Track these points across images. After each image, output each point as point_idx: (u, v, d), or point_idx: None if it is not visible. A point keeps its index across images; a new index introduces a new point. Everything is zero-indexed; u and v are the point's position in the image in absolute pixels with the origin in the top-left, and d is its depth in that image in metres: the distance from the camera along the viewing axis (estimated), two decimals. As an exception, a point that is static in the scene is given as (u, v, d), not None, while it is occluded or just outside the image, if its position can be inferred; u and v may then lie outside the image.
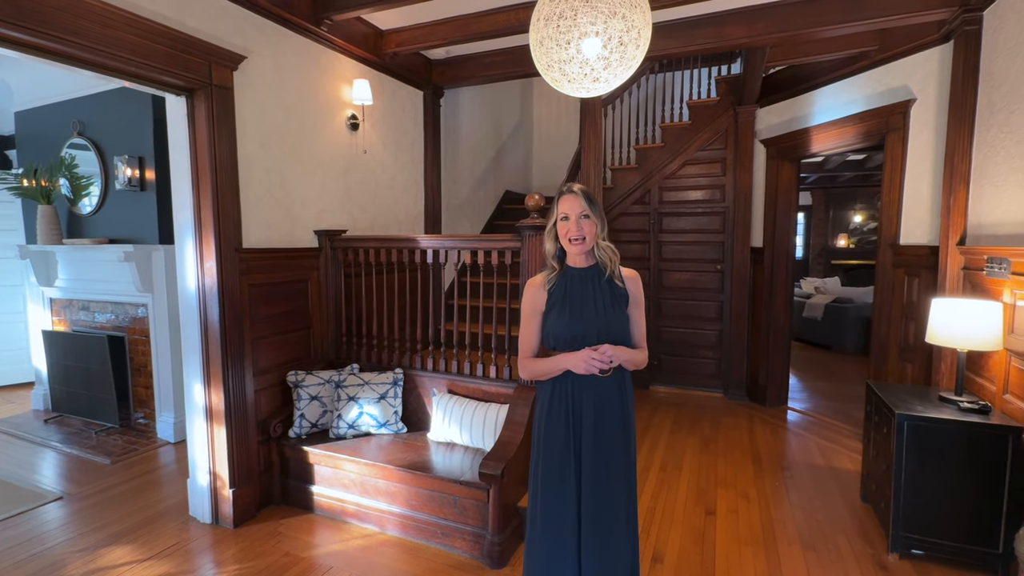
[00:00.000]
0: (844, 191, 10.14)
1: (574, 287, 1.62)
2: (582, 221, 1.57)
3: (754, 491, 2.99)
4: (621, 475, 1.60)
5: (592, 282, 1.62)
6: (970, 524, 2.21)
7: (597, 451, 1.58)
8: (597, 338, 1.57)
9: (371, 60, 3.50)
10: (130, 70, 2.16)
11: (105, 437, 3.76)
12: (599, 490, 1.57)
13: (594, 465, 1.58)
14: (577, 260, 1.64)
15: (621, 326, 1.60)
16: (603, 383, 1.59)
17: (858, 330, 6.47)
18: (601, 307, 1.59)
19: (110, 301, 3.97)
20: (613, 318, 1.59)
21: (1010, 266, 2.28)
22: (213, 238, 2.52)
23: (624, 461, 1.61)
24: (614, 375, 1.60)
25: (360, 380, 2.90)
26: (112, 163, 3.76)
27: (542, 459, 1.65)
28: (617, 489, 1.59)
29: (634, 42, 1.90)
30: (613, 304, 1.60)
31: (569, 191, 1.60)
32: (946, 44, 2.94)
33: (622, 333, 1.61)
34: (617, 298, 1.62)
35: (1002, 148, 2.47)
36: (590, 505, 1.57)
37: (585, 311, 1.59)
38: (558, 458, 1.61)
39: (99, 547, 2.45)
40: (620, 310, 1.61)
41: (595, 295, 1.60)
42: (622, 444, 1.61)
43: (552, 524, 1.60)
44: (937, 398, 2.46)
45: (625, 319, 1.62)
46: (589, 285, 1.62)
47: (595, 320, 1.58)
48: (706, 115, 4.63)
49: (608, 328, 1.58)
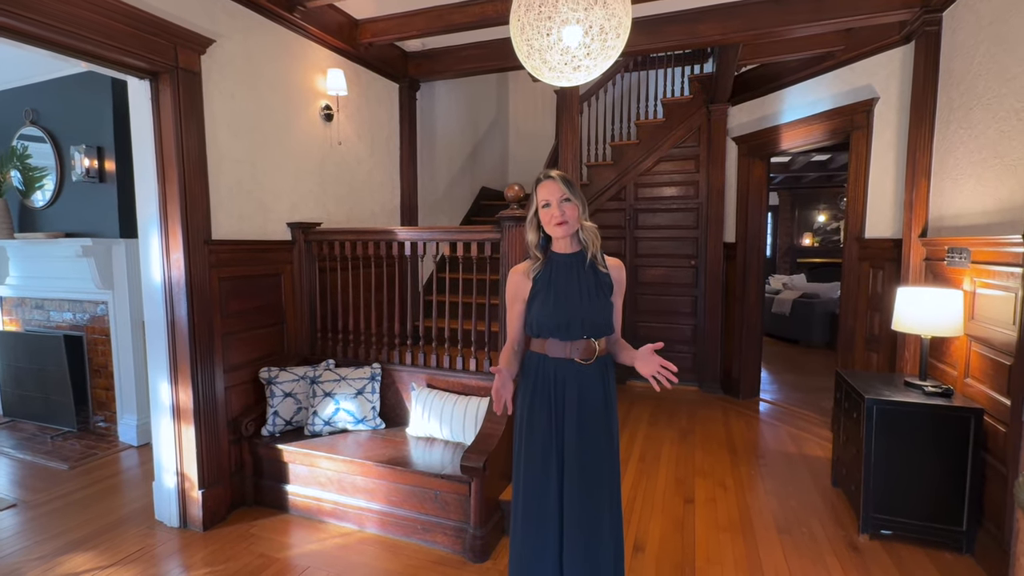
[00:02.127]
0: (809, 192, 10.49)
1: (559, 274, 1.61)
2: (564, 205, 1.56)
3: (731, 479, 3.05)
4: (604, 461, 1.59)
5: (577, 268, 1.61)
6: (935, 503, 2.30)
7: (581, 437, 1.57)
8: (581, 326, 1.57)
9: (346, 50, 3.43)
10: (89, 49, 2.05)
11: (62, 442, 3.57)
12: (582, 476, 1.56)
13: (577, 450, 1.56)
14: (561, 245, 1.63)
15: (605, 314, 1.60)
16: (585, 369, 1.59)
17: (824, 324, 6.70)
18: (586, 294, 1.58)
19: (67, 299, 3.77)
20: (598, 305, 1.58)
21: (970, 255, 2.38)
22: (180, 229, 2.42)
23: (607, 447, 1.60)
24: (597, 361, 1.60)
25: (336, 376, 2.83)
26: (68, 153, 3.57)
27: (524, 446, 1.63)
28: (600, 476, 1.58)
29: (615, 31, 1.91)
30: (598, 291, 1.59)
31: (547, 177, 1.59)
32: (908, 45, 3.06)
33: (606, 321, 1.60)
34: (601, 285, 1.61)
35: (961, 144, 2.58)
36: (573, 492, 1.55)
37: (570, 298, 1.58)
38: (540, 444, 1.60)
39: (58, 554, 2.32)
40: (604, 297, 1.60)
41: (580, 282, 1.59)
42: (605, 430, 1.60)
43: (534, 512, 1.59)
44: (903, 383, 2.55)
45: (609, 307, 1.61)
46: (574, 271, 1.60)
47: (579, 307, 1.57)
48: (680, 113, 4.71)
49: (593, 316, 1.57)
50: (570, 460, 1.57)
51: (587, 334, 1.58)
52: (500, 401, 1.51)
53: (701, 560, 2.28)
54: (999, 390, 2.17)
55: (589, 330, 1.58)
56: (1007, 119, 2.24)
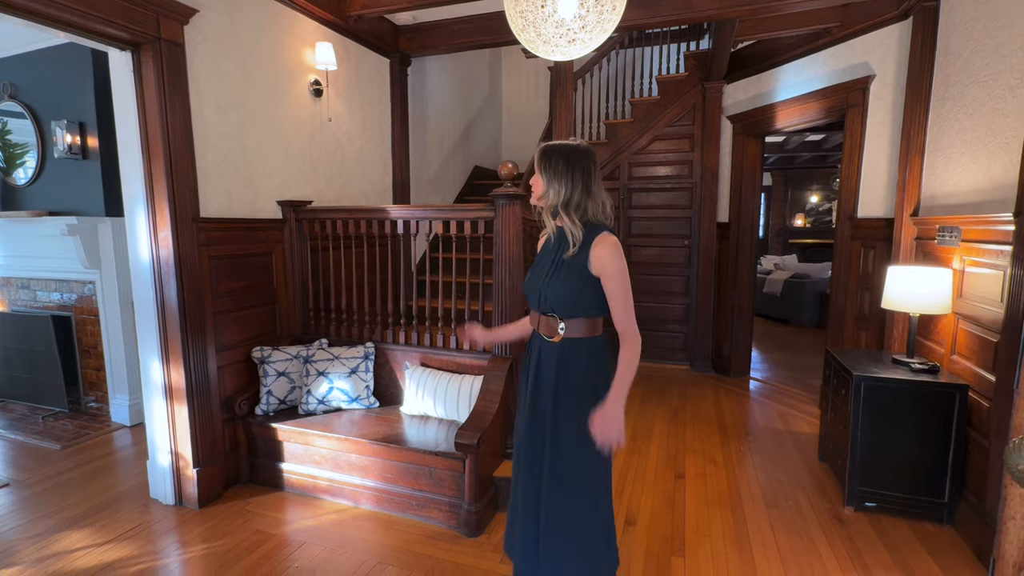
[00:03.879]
0: (802, 172, 10.47)
1: (547, 245, 1.64)
2: (534, 179, 1.56)
3: (720, 456, 3.10)
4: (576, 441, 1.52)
5: (559, 243, 1.56)
6: (919, 476, 2.36)
7: (554, 410, 1.56)
8: (538, 299, 1.58)
9: (334, 23, 3.33)
10: (65, 18, 1.97)
11: (53, 422, 3.56)
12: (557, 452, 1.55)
13: (552, 422, 1.56)
14: (548, 221, 1.60)
15: (563, 291, 1.52)
16: (550, 346, 1.57)
17: (814, 304, 6.77)
18: (550, 270, 1.55)
19: (53, 278, 3.72)
20: (556, 283, 1.52)
21: (960, 234, 2.40)
22: (167, 206, 2.37)
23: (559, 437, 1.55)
24: (564, 341, 1.54)
25: (330, 355, 2.83)
26: (50, 129, 3.48)
27: (517, 422, 1.70)
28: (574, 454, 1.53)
29: (611, 2, 1.87)
30: (565, 268, 1.52)
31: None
32: (905, 21, 3.03)
33: (561, 298, 1.53)
34: (571, 264, 1.51)
35: (955, 122, 2.58)
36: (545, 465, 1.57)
37: (541, 269, 1.60)
38: (527, 420, 1.63)
39: (53, 532, 2.33)
40: (571, 277, 1.51)
41: (554, 255, 1.57)
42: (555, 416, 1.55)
43: (521, 478, 1.64)
44: (891, 361, 2.59)
45: (569, 285, 1.51)
46: (556, 245, 1.57)
47: (541, 282, 1.58)
48: (675, 90, 4.65)
49: (548, 292, 1.54)
50: (544, 431, 1.58)
51: (549, 310, 1.56)
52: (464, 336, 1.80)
53: (691, 533, 2.33)
54: (984, 366, 2.21)
55: (548, 306, 1.56)
56: (1002, 96, 2.23)
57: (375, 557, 2.17)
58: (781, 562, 2.13)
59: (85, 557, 2.15)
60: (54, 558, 2.15)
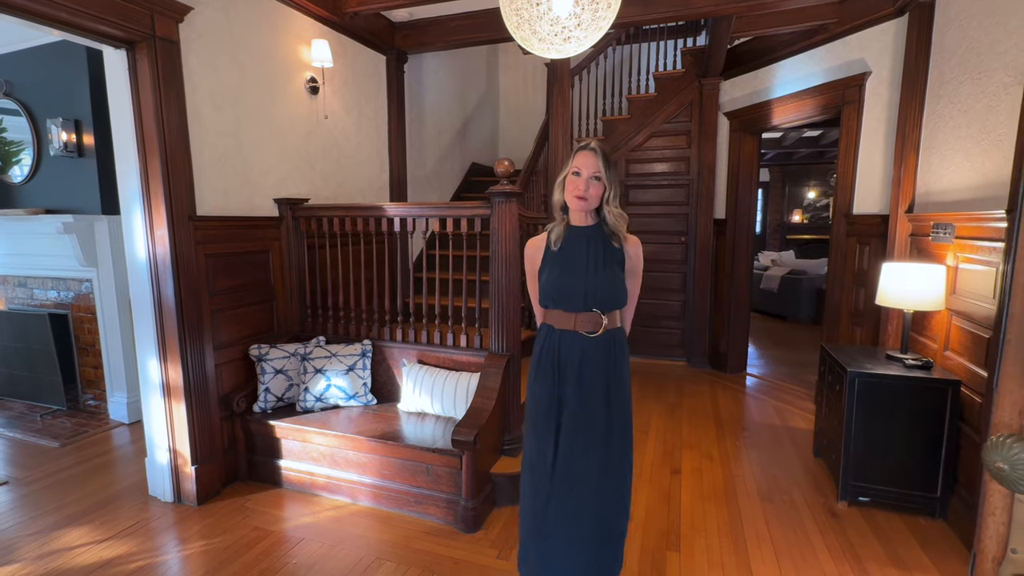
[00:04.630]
0: (799, 168, 10.48)
1: (571, 244, 1.60)
2: (592, 182, 1.54)
3: (716, 451, 3.13)
4: (601, 440, 1.56)
5: (590, 240, 1.59)
6: (912, 471, 2.38)
7: (581, 410, 1.57)
8: (585, 297, 1.56)
9: (330, 20, 3.33)
10: (60, 16, 1.97)
11: (52, 420, 3.56)
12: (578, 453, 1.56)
13: (573, 425, 1.57)
14: (578, 218, 1.61)
15: (611, 286, 1.57)
16: (590, 342, 1.58)
17: (811, 300, 6.79)
18: (593, 265, 1.57)
19: (50, 276, 3.71)
20: (604, 277, 1.56)
21: (954, 231, 2.41)
22: (164, 205, 2.37)
23: (610, 421, 1.58)
24: (604, 334, 1.58)
25: (327, 352, 2.84)
26: (45, 127, 3.47)
27: (528, 416, 1.67)
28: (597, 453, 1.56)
29: (606, 0, 1.87)
30: (607, 264, 1.57)
31: (588, 147, 1.56)
32: (901, 17, 3.03)
33: (611, 293, 1.57)
34: (610, 259, 1.58)
35: (950, 118, 2.59)
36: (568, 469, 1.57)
37: (576, 267, 1.57)
38: (542, 416, 1.61)
39: (53, 529, 2.34)
40: (612, 270, 1.58)
41: (588, 252, 1.58)
42: (608, 404, 1.58)
43: (536, 482, 1.63)
44: (885, 356, 2.61)
45: (616, 279, 1.58)
46: (585, 243, 1.59)
47: (585, 278, 1.56)
48: (672, 87, 4.65)
49: (598, 287, 1.56)
50: (566, 435, 1.57)
51: (593, 306, 1.57)
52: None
53: (686, 528, 2.36)
54: (977, 362, 2.23)
55: (594, 302, 1.56)
56: (996, 93, 2.24)
57: (373, 553, 2.18)
58: (775, 555, 2.15)
59: (85, 554, 2.17)
60: (54, 555, 2.17)
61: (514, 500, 2.49)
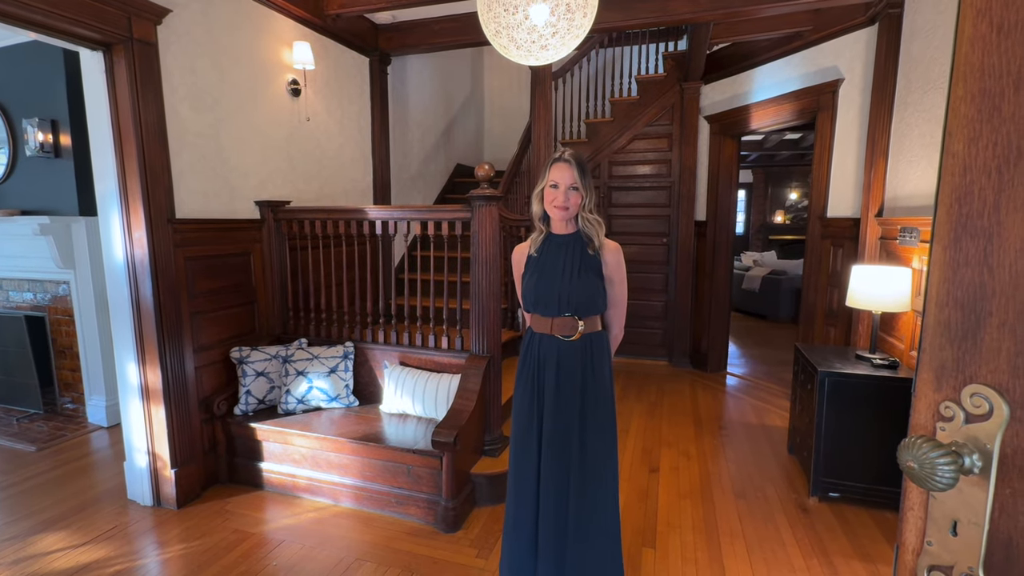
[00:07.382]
0: (782, 170, 10.66)
1: (549, 251, 1.65)
2: (570, 192, 1.57)
3: (694, 449, 3.19)
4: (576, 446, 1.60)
5: (568, 248, 1.63)
6: (879, 467, 2.47)
7: (557, 415, 1.61)
8: (559, 301, 1.60)
9: (312, 22, 3.32)
10: (35, 19, 1.96)
11: (28, 424, 3.52)
12: (557, 455, 1.60)
13: (552, 428, 1.61)
14: (559, 226, 1.65)
15: (586, 292, 1.60)
16: (566, 346, 1.62)
17: (791, 300, 6.92)
18: (568, 271, 1.61)
19: (26, 278, 3.66)
20: (580, 283, 1.60)
21: (919, 235, 2.49)
22: (142, 207, 2.36)
23: (584, 428, 1.61)
24: (582, 339, 1.62)
25: (309, 354, 2.84)
26: (21, 127, 3.42)
27: (512, 421, 1.71)
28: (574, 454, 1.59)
29: (581, 9, 1.91)
30: (581, 270, 1.61)
31: (562, 159, 1.59)
32: (872, 27, 3.12)
33: (586, 299, 1.61)
34: (587, 266, 1.62)
35: (916, 126, 2.68)
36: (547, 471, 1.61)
37: (553, 274, 1.62)
38: (524, 421, 1.66)
39: (29, 534, 2.32)
40: (588, 276, 1.61)
41: (566, 260, 1.62)
42: (583, 410, 1.61)
43: (518, 487, 1.67)
44: (854, 356, 2.69)
45: (592, 285, 1.61)
46: (563, 251, 1.63)
47: (561, 284, 1.60)
48: (654, 90, 4.72)
49: (571, 292, 1.60)
50: (546, 437, 1.62)
51: (568, 311, 1.61)
52: None
53: (662, 525, 2.41)
54: (940, 362, 2.31)
55: (568, 307, 1.60)
56: (958, 103, 2.32)
57: (353, 554, 2.20)
58: (747, 550, 2.21)
59: (62, 559, 2.16)
60: (30, 560, 2.15)
61: (494, 500, 2.53)
